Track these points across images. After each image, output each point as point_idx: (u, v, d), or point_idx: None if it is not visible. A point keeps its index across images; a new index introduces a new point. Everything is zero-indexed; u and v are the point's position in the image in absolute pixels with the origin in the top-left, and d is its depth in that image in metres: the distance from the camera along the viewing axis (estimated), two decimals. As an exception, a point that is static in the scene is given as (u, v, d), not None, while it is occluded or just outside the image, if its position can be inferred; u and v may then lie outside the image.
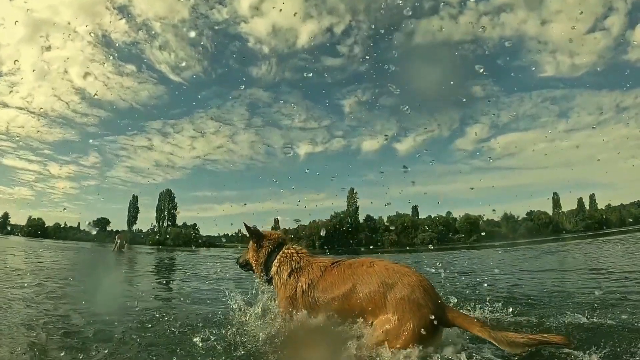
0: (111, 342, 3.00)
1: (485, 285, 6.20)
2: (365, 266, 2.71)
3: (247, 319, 3.30)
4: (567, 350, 2.42)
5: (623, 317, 3.36)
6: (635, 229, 35.57)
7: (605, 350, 2.45)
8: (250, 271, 3.43)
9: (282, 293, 2.98)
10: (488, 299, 3.91)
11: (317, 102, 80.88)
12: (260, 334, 2.93)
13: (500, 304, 3.78)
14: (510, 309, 3.70)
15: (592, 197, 64.37)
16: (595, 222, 58.14)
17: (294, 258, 3.09)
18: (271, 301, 3.29)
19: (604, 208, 63.74)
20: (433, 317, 2.34)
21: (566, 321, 3.33)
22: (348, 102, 76.93)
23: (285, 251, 3.18)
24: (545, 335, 2.29)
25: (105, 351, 2.78)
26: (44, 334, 3.23)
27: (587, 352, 2.40)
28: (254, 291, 3.51)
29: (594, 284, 5.87)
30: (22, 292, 5.42)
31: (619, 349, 2.51)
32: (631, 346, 2.53)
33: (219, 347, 2.80)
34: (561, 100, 69.50)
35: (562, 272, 8.35)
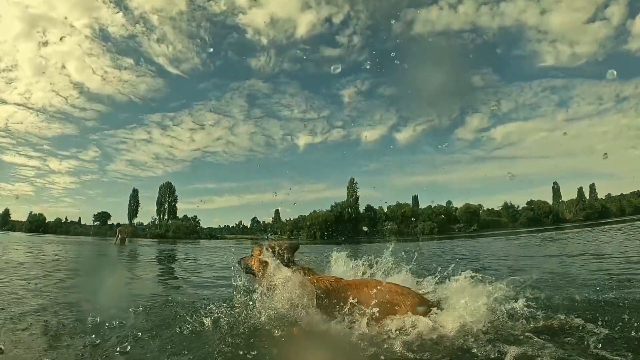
0: (122, 326, 3.02)
1: (489, 269, 6.24)
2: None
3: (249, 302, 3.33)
4: (578, 322, 2.45)
5: (629, 296, 3.38)
6: (636, 218, 35.67)
7: (615, 325, 2.47)
8: (250, 274, 3.46)
9: None
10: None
11: (317, 92, 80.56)
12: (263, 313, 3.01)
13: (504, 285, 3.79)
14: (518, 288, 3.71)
15: (592, 187, 64.56)
16: (595, 211, 58.33)
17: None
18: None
19: (604, 198, 63.85)
20: None
21: (574, 298, 3.36)
22: (347, 92, 76.53)
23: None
24: None
25: (117, 334, 2.81)
26: (55, 319, 3.26)
27: (598, 325, 2.42)
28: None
29: (596, 267, 5.91)
30: (30, 283, 5.45)
31: (628, 324, 2.53)
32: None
33: (225, 326, 2.91)
34: (561, 90, 69.18)
35: (565, 257, 8.38)
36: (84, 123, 75.43)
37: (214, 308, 3.19)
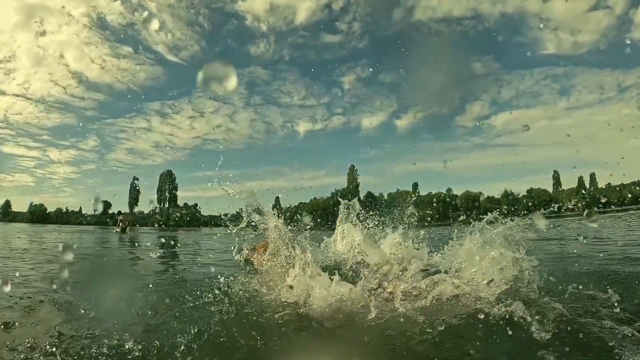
0: (133, 302, 3.07)
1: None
2: None
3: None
4: (590, 291, 2.50)
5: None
6: (635, 208, 35.77)
7: (625, 295, 2.53)
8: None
9: None
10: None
11: (316, 79, 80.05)
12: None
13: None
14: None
15: (592, 176, 64.50)
16: (595, 200, 58.44)
17: None
18: None
19: (604, 187, 63.74)
20: None
21: (579, 270, 3.42)
22: (347, 79, 75.96)
23: None
24: None
25: (128, 310, 2.85)
26: (65, 298, 3.33)
27: (607, 294, 2.46)
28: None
29: (597, 250, 5.95)
30: (37, 266, 5.58)
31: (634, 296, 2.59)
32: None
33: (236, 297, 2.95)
34: (562, 78, 68.59)
35: (565, 240, 8.42)
36: (83, 112, 75.16)
37: (222, 279, 3.25)
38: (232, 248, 3.48)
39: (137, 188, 72.16)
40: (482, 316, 2.27)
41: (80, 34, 67.99)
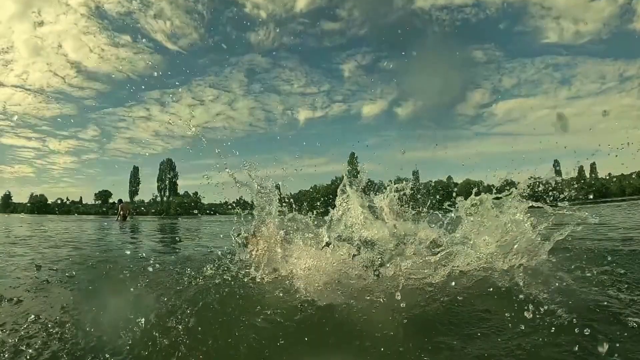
0: (139, 277, 3.13)
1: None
2: None
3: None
4: (606, 267, 2.52)
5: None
6: (636, 197, 35.87)
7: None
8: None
9: None
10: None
11: (317, 66, 79.33)
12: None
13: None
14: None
15: (592, 166, 64.24)
16: (595, 190, 58.41)
17: None
18: None
19: (604, 177, 63.58)
20: None
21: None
22: (347, 67, 75.28)
23: None
24: None
25: (137, 285, 2.88)
26: (74, 275, 3.41)
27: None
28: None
29: (598, 236, 5.95)
30: (44, 250, 5.66)
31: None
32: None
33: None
34: (564, 68, 67.91)
35: (565, 225, 8.44)
36: (83, 102, 74.59)
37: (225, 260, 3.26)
38: (232, 230, 3.48)
39: (138, 177, 72.17)
40: (492, 289, 2.28)
41: (78, 23, 67.01)
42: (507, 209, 3.20)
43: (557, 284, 2.26)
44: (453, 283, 2.46)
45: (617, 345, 1.54)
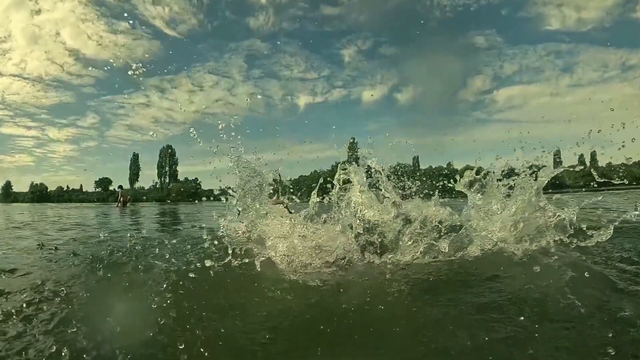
0: (147, 250, 3.27)
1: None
2: None
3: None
4: (616, 241, 2.69)
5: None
6: (635, 187, 35.83)
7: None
8: None
9: None
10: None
11: (317, 52, 78.25)
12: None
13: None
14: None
15: (593, 155, 63.85)
16: (595, 179, 58.14)
17: None
18: None
19: (604, 166, 63.29)
20: None
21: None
22: (348, 52, 74.29)
23: None
24: None
25: (145, 258, 2.97)
26: (80, 253, 3.50)
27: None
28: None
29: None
30: (50, 231, 5.85)
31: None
32: None
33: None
34: (566, 55, 66.92)
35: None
36: (81, 90, 74.08)
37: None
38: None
39: (138, 164, 71.97)
40: (503, 274, 2.25)
41: (76, 10, 66.06)
42: (518, 190, 3.21)
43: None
44: (457, 266, 2.45)
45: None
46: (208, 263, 2.43)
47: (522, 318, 1.60)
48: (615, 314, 1.60)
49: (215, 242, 2.87)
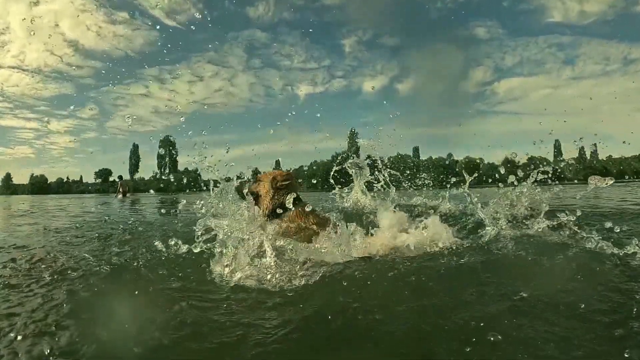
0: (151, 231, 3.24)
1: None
2: None
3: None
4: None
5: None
6: (635, 180, 35.76)
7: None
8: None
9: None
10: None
11: (317, 42, 77.69)
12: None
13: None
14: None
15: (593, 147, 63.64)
16: (594, 172, 58.15)
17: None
18: None
19: (605, 159, 63.07)
20: None
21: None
22: (348, 42, 73.67)
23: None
24: None
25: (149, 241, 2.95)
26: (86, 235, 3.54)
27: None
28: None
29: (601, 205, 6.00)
30: (55, 217, 5.88)
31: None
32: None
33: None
34: (567, 47, 66.25)
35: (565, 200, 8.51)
36: (81, 81, 73.79)
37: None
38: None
39: (138, 154, 71.80)
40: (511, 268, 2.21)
41: (75, 1, 65.44)
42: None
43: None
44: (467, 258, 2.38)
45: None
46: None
47: (535, 316, 1.53)
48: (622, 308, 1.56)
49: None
